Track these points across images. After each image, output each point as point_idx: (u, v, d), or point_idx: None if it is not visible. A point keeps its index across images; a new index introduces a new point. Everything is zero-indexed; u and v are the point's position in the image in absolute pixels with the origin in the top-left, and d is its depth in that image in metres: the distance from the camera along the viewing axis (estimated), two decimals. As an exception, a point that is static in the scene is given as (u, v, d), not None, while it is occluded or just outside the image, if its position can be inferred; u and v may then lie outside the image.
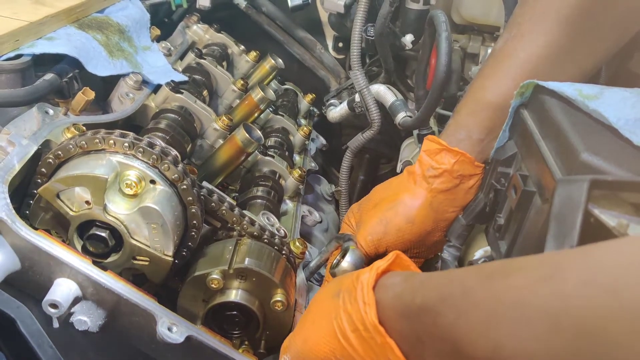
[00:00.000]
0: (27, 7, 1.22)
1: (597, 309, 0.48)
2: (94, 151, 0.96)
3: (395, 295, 0.77)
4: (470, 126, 1.10)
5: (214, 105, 1.64)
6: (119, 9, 1.51)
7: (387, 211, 1.14)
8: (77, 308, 0.90)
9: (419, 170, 1.13)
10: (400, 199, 1.14)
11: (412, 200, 1.13)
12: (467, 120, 1.11)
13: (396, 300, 0.76)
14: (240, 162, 1.34)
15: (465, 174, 1.11)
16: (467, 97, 1.14)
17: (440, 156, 1.11)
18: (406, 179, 1.16)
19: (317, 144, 1.96)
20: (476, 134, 1.09)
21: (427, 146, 1.14)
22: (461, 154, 1.09)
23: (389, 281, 0.81)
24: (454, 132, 1.12)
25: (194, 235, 1.03)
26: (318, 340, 0.85)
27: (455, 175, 1.10)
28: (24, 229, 0.87)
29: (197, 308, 1.02)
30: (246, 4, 2.12)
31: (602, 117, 0.80)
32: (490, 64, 1.11)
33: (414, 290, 0.74)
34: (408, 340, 0.72)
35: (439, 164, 1.11)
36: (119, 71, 1.30)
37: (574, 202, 0.66)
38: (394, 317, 0.75)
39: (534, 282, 0.55)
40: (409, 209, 1.13)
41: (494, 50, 1.12)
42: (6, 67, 1.04)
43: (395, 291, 0.77)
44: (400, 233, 1.13)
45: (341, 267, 1.05)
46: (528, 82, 0.94)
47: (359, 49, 1.68)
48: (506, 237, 0.93)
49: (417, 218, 1.12)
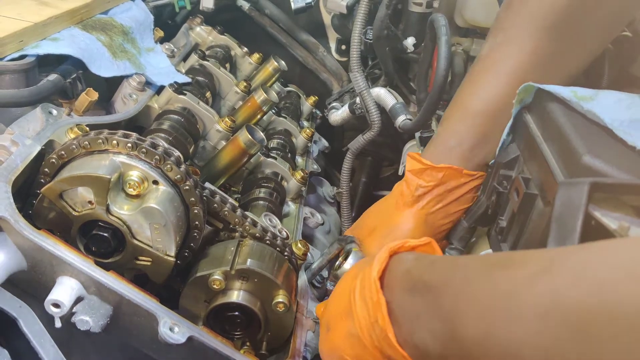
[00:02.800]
0: (32, 8, 1.22)
1: (585, 303, 0.49)
2: (97, 151, 0.96)
3: (405, 270, 0.78)
4: (461, 133, 1.10)
5: (216, 106, 1.65)
6: (122, 10, 1.51)
7: (385, 237, 1.14)
8: (79, 308, 0.90)
9: (407, 191, 1.13)
10: (396, 224, 1.14)
11: (407, 223, 1.13)
12: (457, 128, 1.11)
13: (405, 275, 0.78)
14: (243, 163, 1.34)
15: (454, 185, 1.10)
16: (456, 105, 1.13)
17: (426, 174, 1.11)
18: (396, 200, 1.16)
19: (320, 146, 1.96)
20: (467, 142, 1.09)
21: (412, 165, 1.13)
22: (447, 168, 1.09)
23: (405, 256, 0.82)
24: (444, 141, 1.12)
25: (196, 236, 1.03)
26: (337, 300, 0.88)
27: (444, 189, 1.10)
28: (27, 229, 0.87)
29: (199, 309, 1.02)
30: (249, 6, 2.13)
31: (597, 118, 0.80)
32: (478, 71, 1.11)
33: (422, 269, 0.76)
34: (406, 313, 0.74)
35: (426, 181, 1.11)
36: (123, 72, 1.30)
37: (575, 204, 0.66)
38: (399, 288, 0.77)
39: (529, 276, 0.56)
40: (405, 232, 1.13)
41: (480, 56, 1.12)
42: (10, 68, 1.04)
43: (407, 266, 0.79)
44: None
45: (343, 269, 1.05)
46: (526, 86, 0.95)
47: (358, 51, 1.69)
48: (508, 239, 0.93)
49: None
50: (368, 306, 0.78)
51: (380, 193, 2.11)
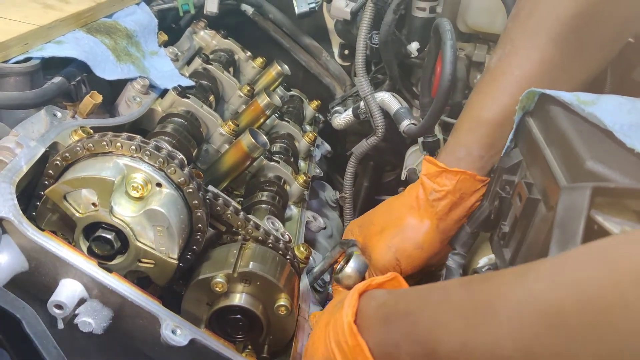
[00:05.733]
0: (37, 11, 1.23)
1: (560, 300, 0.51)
2: (101, 154, 0.96)
3: (378, 304, 0.78)
4: (470, 144, 1.10)
5: (220, 110, 1.65)
6: (127, 14, 1.52)
7: (394, 238, 1.13)
8: (82, 309, 0.90)
9: (422, 195, 1.13)
10: (407, 224, 1.13)
11: (419, 225, 1.12)
12: (466, 138, 1.11)
13: (378, 309, 0.77)
14: (246, 167, 1.34)
15: (467, 191, 1.11)
16: (465, 115, 1.14)
17: (441, 178, 1.11)
18: (408, 200, 1.15)
19: (322, 150, 1.96)
20: (476, 151, 1.10)
21: (427, 169, 1.13)
22: (462, 173, 1.09)
23: (375, 293, 0.82)
24: (453, 151, 1.12)
25: (198, 239, 1.03)
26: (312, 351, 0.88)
27: (458, 195, 1.10)
28: (31, 230, 0.87)
29: (201, 311, 1.02)
30: (253, 10, 2.14)
31: (598, 121, 0.81)
32: (487, 81, 1.11)
33: (396, 298, 0.76)
34: (384, 345, 0.73)
35: (440, 186, 1.11)
36: (127, 75, 1.31)
37: (577, 209, 0.66)
38: (374, 323, 0.77)
39: (506, 283, 0.58)
40: (416, 234, 1.12)
41: (488, 66, 1.13)
42: (15, 70, 1.05)
43: (379, 301, 0.79)
44: (411, 260, 1.13)
45: (345, 272, 1.05)
46: (528, 93, 0.95)
47: (363, 56, 1.69)
48: (510, 244, 0.93)
49: (425, 243, 1.12)
50: (345, 352, 0.77)
51: (382, 197, 2.11)
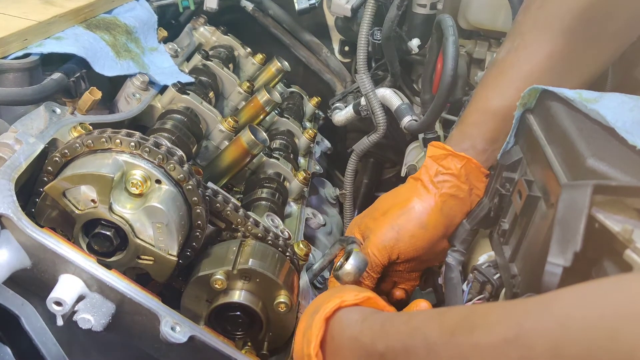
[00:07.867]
0: (36, 7, 1.23)
1: None
2: (101, 150, 0.96)
3: (352, 336, 0.76)
4: (474, 136, 1.10)
5: (219, 106, 1.65)
6: (126, 10, 1.52)
7: (399, 217, 1.13)
8: (81, 306, 0.90)
9: (426, 176, 1.13)
10: (411, 205, 1.13)
11: (423, 205, 1.12)
12: (471, 131, 1.11)
13: (353, 342, 0.76)
14: (245, 163, 1.34)
15: (472, 179, 1.11)
16: (471, 107, 1.14)
17: (446, 161, 1.11)
18: (414, 185, 1.15)
19: (322, 147, 1.96)
20: (480, 144, 1.10)
21: (433, 152, 1.13)
22: (467, 159, 1.09)
23: (347, 316, 0.81)
24: (458, 142, 1.12)
25: (198, 236, 1.03)
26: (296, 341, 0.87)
27: (462, 179, 1.10)
28: (30, 227, 0.87)
29: (201, 308, 1.02)
30: (253, 6, 2.13)
31: (600, 117, 0.80)
32: (494, 74, 1.10)
33: (373, 335, 0.74)
34: None
35: (445, 168, 1.11)
36: (126, 72, 1.30)
37: (578, 207, 0.66)
38: (346, 356, 0.75)
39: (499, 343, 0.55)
40: (420, 213, 1.12)
41: (496, 59, 1.12)
42: (14, 66, 1.04)
43: (353, 332, 0.77)
44: (414, 239, 1.12)
45: (344, 269, 1.05)
46: (530, 90, 0.95)
47: (365, 52, 1.69)
48: (510, 242, 0.93)
49: (429, 223, 1.12)
50: None
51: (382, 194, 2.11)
